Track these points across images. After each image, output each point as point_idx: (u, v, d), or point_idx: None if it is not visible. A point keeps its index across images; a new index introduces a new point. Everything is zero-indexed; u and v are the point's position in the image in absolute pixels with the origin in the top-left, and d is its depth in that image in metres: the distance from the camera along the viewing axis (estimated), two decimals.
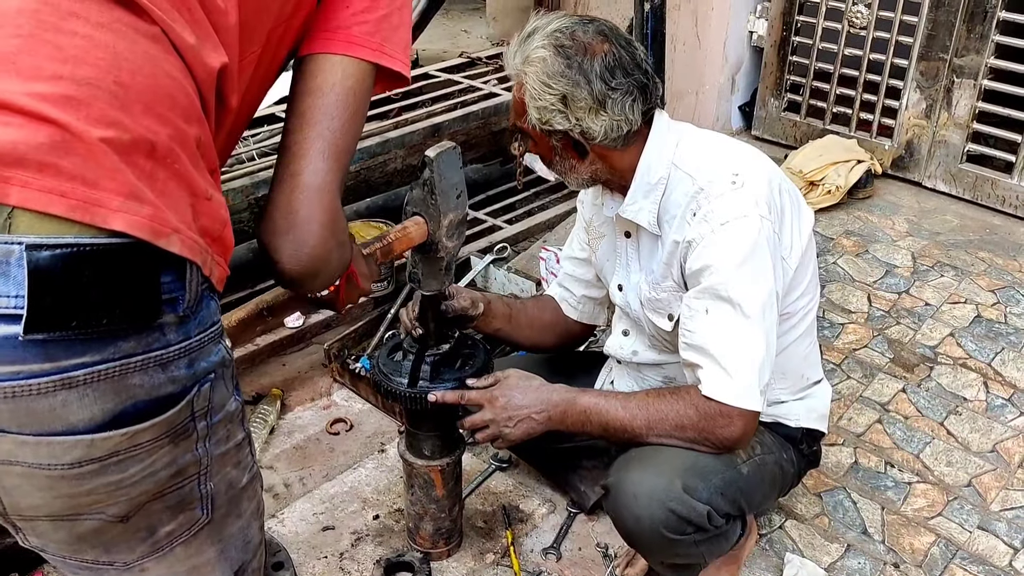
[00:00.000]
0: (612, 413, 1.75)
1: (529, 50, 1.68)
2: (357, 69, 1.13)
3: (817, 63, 3.63)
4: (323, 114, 1.11)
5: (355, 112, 1.14)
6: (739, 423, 1.68)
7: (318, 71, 1.12)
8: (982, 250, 3.13)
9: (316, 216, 1.09)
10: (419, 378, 1.79)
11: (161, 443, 0.94)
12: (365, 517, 2.23)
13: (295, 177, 1.09)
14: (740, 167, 1.71)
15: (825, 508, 2.22)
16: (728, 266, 1.64)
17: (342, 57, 1.12)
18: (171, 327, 0.91)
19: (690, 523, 1.68)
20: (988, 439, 2.40)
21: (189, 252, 0.90)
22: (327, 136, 1.10)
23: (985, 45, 3.20)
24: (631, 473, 1.73)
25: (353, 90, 1.13)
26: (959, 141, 3.38)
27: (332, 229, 1.12)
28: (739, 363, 1.65)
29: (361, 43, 1.13)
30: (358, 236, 2.83)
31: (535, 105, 1.68)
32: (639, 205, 1.77)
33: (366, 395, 2.66)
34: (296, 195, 1.09)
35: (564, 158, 1.75)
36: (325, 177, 1.10)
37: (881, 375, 2.63)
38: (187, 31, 0.93)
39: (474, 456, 2.41)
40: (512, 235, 3.43)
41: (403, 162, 3.94)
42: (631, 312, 1.92)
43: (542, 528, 2.20)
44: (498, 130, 4.23)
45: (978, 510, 2.20)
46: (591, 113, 1.67)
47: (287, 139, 1.12)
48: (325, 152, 1.10)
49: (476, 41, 5.19)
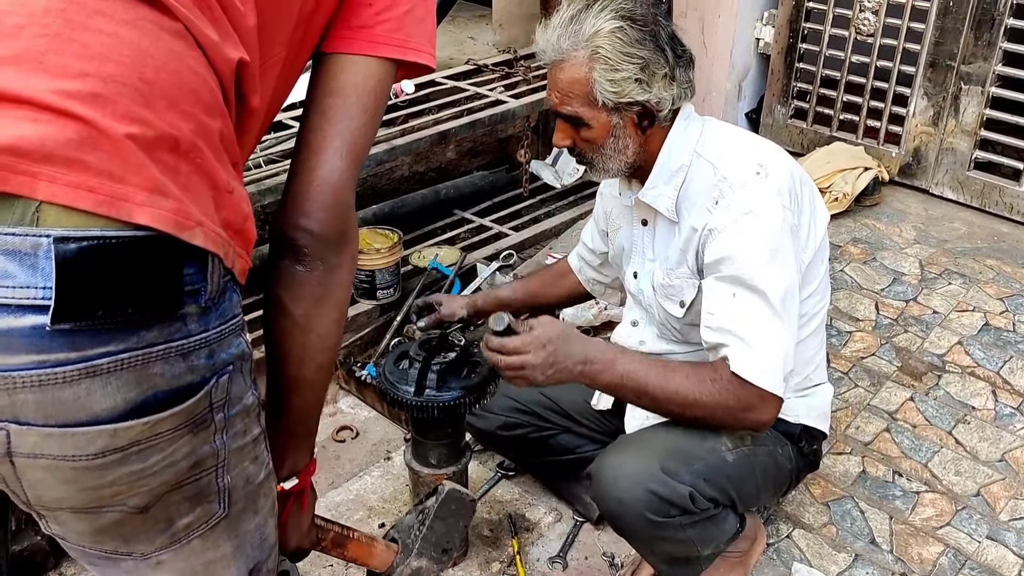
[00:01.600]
0: (650, 385, 1.69)
1: (595, 24, 1.66)
2: (379, 69, 1.15)
3: (824, 70, 3.62)
4: (344, 115, 1.13)
5: (375, 112, 1.16)
6: (767, 411, 1.68)
7: (340, 72, 1.14)
8: (990, 258, 3.12)
9: (329, 206, 1.12)
10: (425, 386, 1.79)
11: (180, 432, 0.95)
12: (371, 525, 2.22)
13: (312, 172, 1.12)
14: (764, 158, 1.72)
15: (833, 517, 2.21)
16: (753, 255, 1.65)
17: (365, 58, 1.14)
18: (193, 318, 0.93)
19: (672, 504, 1.68)
20: (997, 448, 2.39)
21: (212, 245, 0.91)
22: (346, 136, 1.13)
23: (993, 52, 3.19)
24: (612, 457, 1.75)
25: (374, 90, 1.15)
26: (967, 148, 3.36)
27: (342, 221, 1.15)
28: (766, 347, 1.66)
29: (384, 41, 1.14)
30: (364, 243, 2.87)
31: (611, 77, 1.65)
32: (659, 191, 1.78)
33: (372, 403, 2.66)
34: (313, 188, 1.12)
35: (620, 138, 1.73)
36: (342, 175, 1.13)
37: (889, 383, 2.62)
38: (209, 28, 0.95)
39: (480, 464, 2.41)
40: (518, 242, 3.43)
41: (410, 169, 3.95)
42: (643, 300, 1.92)
43: (548, 537, 2.20)
44: (504, 137, 4.24)
45: (987, 520, 2.19)
46: (666, 82, 1.68)
47: (307, 134, 1.14)
48: (343, 151, 1.13)
49: (482, 48, 5.20)
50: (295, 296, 1.17)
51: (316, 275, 1.15)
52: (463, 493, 1.53)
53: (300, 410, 1.26)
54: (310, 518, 1.40)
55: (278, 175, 2.76)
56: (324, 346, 1.21)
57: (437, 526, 1.48)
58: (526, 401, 2.08)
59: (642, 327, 1.98)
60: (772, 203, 1.67)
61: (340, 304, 1.20)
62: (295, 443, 1.29)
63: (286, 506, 1.31)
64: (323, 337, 1.20)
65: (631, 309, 2.00)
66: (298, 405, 1.25)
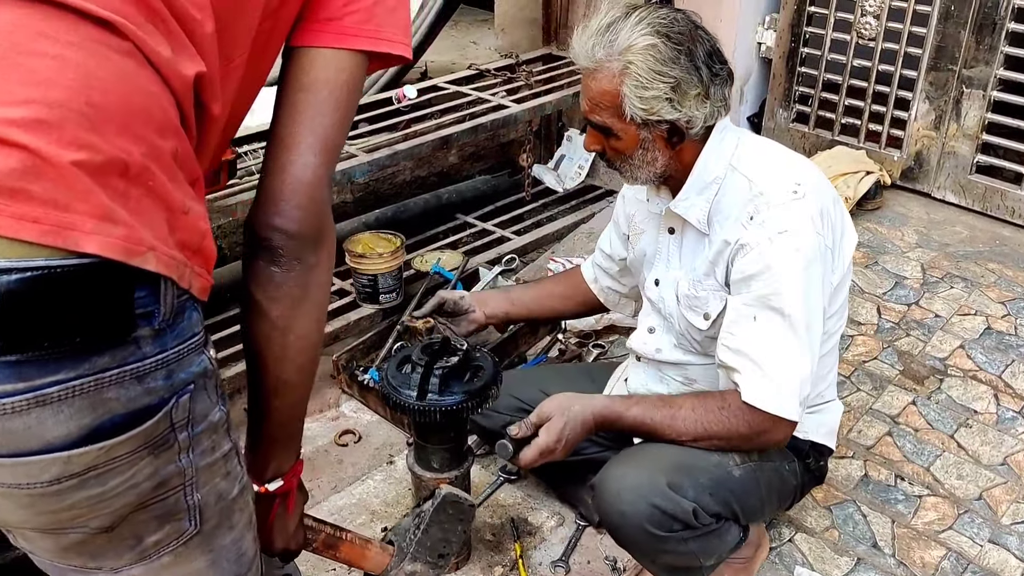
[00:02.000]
0: (662, 430, 1.75)
1: (630, 37, 1.63)
2: (350, 62, 1.12)
3: (826, 74, 3.63)
4: (316, 111, 1.11)
5: (348, 106, 1.14)
6: (781, 432, 1.70)
7: (310, 66, 1.12)
8: (992, 261, 3.12)
9: (304, 204, 1.10)
10: (428, 391, 1.79)
11: (140, 455, 0.94)
12: (373, 529, 2.23)
13: (285, 170, 1.10)
14: (802, 178, 1.71)
15: (835, 521, 2.21)
16: (782, 277, 1.64)
17: (335, 51, 1.11)
18: (147, 340, 0.91)
19: (675, 519, 1.68)
20: (999, 452, 2.39)
21: (165, 268, 0.90)
22: (319, 132, 1.11)
23: (994, 56, 3.19)
24: (616, 470, 1.75)
25: (346, 84, 1.13)
26: (968, 152, 3.37)
27: (318, 219, 1.12)
28: (783, 373, 1.66)
29: (354, 33, 1.12)
30: (368, 247, 2.88)
31: (641, 95, 1.63)
32: (691, 202, 1.77)
33: (374, 407, 2.66)
34: (286, 186, 1.10)
35: (649, 151, 1.72)
36: (316, 172, 1.11)
37: (891, 387, 2.62)
38: (162, 44, 0.93)
39: (482, 468, 2.41)
40: (520, 246, 3.43)
41: (412, 173, 3.96)
42: (663, 308, 1.91)
43: (551, 541, 2.20)
44: (506, 141, 4.25)
45: (989, 524, 2.19)
46: (698, 101, 1.65)
47: (279, 131, 1.12)
48: (316, 147, 1.11)
49: (485, 53, 5.21)
50: (272, 297, 1.14)
51: (293, 275, 1.13)
52: (461, 498, 1.52)
53: (282, 412, 1.24)
54: (297, 519, 1.38)
55: None
56: (304, 347, 1.18)
57: (433, 531, 1.47)
58: (530, 401, 2.07)
59: (659, 335, 1.95)
60: (807, 225, 1.65)
61: (319, 304, 1.18)
62: (278, 445, 1.28)
63: (271, 508, 1.30)
64: (303, 338, 1.17)
65: (648, 315, 1.98)
66: (280, 408, 1.23)
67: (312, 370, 1.23)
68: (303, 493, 1.39)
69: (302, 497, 1.39)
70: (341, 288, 3.11)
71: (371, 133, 3.23)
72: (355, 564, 1.49)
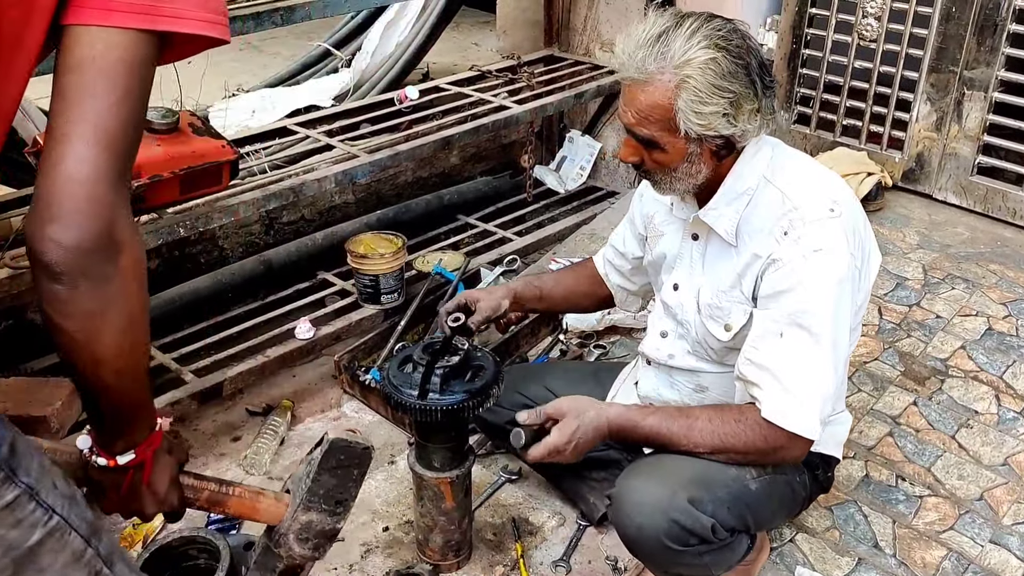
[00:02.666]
0: (677, 440, 1.74)
1: (686, 50, 1.56)
2: (124, 39, 0.98)
3: (827, 75, 3.63)
4: (84, 93, 0.96)
5: (128, 88, 0.98)
6: (798, 449, 1.69)
7: (75, 45, 0.97)
8: (993, 262, 3.12)
9: (83, 207, 0.94)
10: (429, 390, 1.79)
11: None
12: (375, 529, 2.23)
13: (57, 166, 0.95)
14: (838, 195, 1.68)
15: (836, 522, 2.21)
16: (813, 295, 1.63)
17: (101, 28, 0.97)
18: None
19: (693, 534, 1.67)
20: (1000, 452, 2.39)
21: None
22: (91, 118, 0.96)
23: (995, 58, 3.19)
24: (636, 481, 1.74)
25: (121, 61, 0.98)
26: (970, 153, 3.37)
27: (106, 223, 0.96)
28: (807, 392, 1.65)
29: (119, 8, 0.97)
30: (369, 248, 2.89)
31: (699, 110, 1.57)
32: (720, 212, 1.73)
33: (376, 407, 2.67)
34: (59, 186, 0.94)
35: (695, 164, 1.67)
36: (92, 165, 0.95)
37: (892, 388, 2.62)
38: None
39: (484, 468, 2.41)
40: (522, 247, 3.44)
41: (413, 174, 3.96)
42: (679, 314, 1.88)
43: (552, 541, 2.20)
44: (508, 143, 4.25)
45: (990, 524, 2.19)
46: (752, 115, 1.61)
47: (49, 122, 0.97)
48: (89, 137, 0.95)
49: (486, 54, 5.22)
50: (64, 314, 0.98)
51: (81, 292, 0.97)
52: (351, 442, 1.39)
53: (114, 404, 1.10)
54: (165, 483, 1.24)
55: (281, 180, 2.77)
56: (117, 353, 1.03)
57: (324, 478, 1.37)
58: (535, 398, 2.08)
59: (672, 340, 1.92)
60: (842, 244, 1.63)
61: (126, 312, 1.01)
62: (121, 425, 1.14)
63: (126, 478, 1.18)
64: (113, 346, 1.02)
65: (661, 319, 1.94)
66: (108, 404, 1.10)
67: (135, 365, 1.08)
68: (176, 455, 1.27)
69: (170, 461, 1.25)
70: (343, 288, 3.12)
71: (373, 134, 3.24)
72: (248, 517, 1.41)
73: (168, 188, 2.32)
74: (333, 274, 3.23)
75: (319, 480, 1.36)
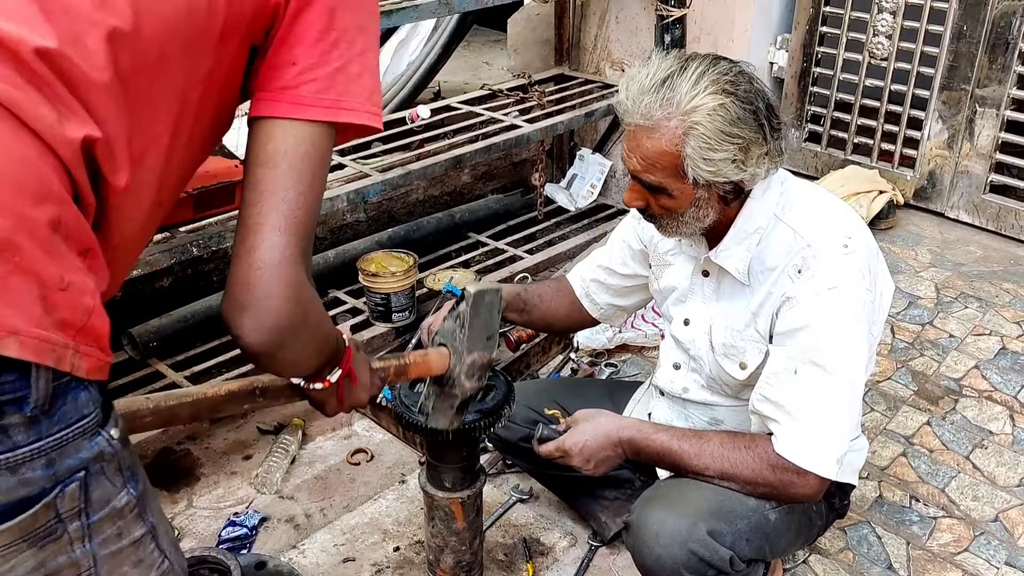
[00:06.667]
0: (687, 460, 1.74)
1: (694, 96, 1.54)
2: (311, 132, 1.07)
3: (838, 94, 3.63)
4: (277, 186, 1.05)
5: (313, 178, 1.08)
6: (813, 487, 1.67)
7: (268, 139, 1.06)
8: (1006, 281, 3.10)
9: (275, 292, 1.04)
10: None
11: (18, 548, 0.90)
12: (385, 549, 2.22)
13: (251, 253, 1.04)
14: (852, 231, 1.67)
15: (849, 543, 2.19)
16: (828, 333, 1.62)
17: (292, 122, 1.06)
18: (18, 428, 0.87)
19: (711, 566, 1.66)
20: (1015, 473, 2.37)
21: (32, 354, 0.85)
22: (282, 209, 1.04)
23: (1007, 76, 3.19)
24: (655, 511, 1.72)
25: (308, 155, 1.07)
26: (982, 171, 3.36)
27: (295, 303, 1.06)
28: (821, 430, 1.64)
29: (311, 103, 1.06)
30: (379, 266, 2.89)
31: (708, 157, 1.55)
32: (731, 252, 1.72)
33: (387, 425, 2.67)
34: (253, 272, 1.04)
35: (702, 208, 1.64)
36: (283, 252, 1.04)
37: (905, 408, 2.61)
38: (44, 106, 0.88)
39: (495, 488, 2.40)
40: (532, 265, 3.44)
41: (425, 193, 3.98)
42: (691, 349, 1.86)
43: (563, 562, 2.19)
44: (519, 161, 4.26)
45: (1005, 545, 2.17)
46: (761, 159, 1.58)
47: (243, 211, 1.06)
48: (281, 226, 1.04)
49: (497, 73, 5.23)
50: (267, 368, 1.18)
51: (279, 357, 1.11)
52: (487, 289, 1.60)
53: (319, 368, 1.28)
54: (367, 377, 1.41)
55: None
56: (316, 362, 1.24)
57: (476, 323, 1.58)
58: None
59: (685, 372, 1.91)
60: (857, 281, 1.62)
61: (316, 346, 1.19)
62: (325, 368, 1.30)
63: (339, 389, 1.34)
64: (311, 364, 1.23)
65: (673, 351, 1.93)
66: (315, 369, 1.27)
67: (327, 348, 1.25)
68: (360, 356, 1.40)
69: (363, 358, 1.41)
70: (354, 307, 3.12)
71: (384, 153, 3.25)
72: (423, 374, 1.64)
73: (182, 207, 2.34)
74: (344, 292, 3.24)
75: (474, 326, 1.58)
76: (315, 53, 1.07)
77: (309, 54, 1.06)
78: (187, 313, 2.99)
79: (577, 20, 4.11)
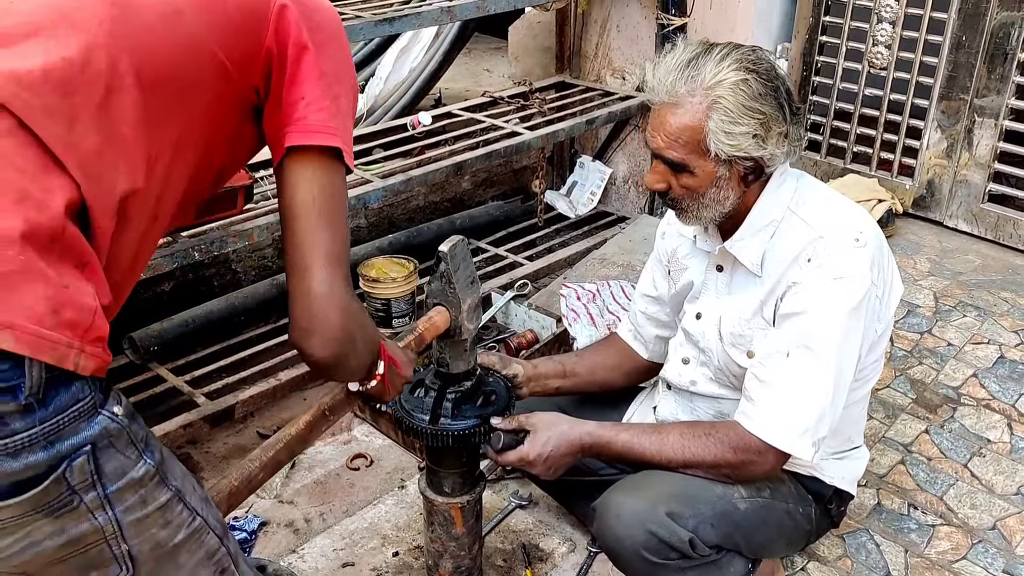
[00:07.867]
0: (650, 455, 1.77)
1: (718, 72, 1.60)
2: (327, 172, 1.25)
3: (837, 103, 3.65)
4: (312, 232, 1.23)
5: (338, 214, 1.26)
6: (770, 463, 1.70)
7: (294, 190, 1.24)
8: (1005, 290, 3.11)
9: (332, 314, 1.23)
10: (440, 415, 1.80)
11: (32, 518, 0.95)
12: (385, 554, 2.23)
13: (307, 293, 1.23)
14: (863, 226, 1.71)
15: (848, 550, 2.20)
16: (824, 320, 1.65)
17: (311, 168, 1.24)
18: (14, 416, 0.91)
19: (672, 548, 1.68)
20: (1013, 481, 2.37)
21: (28, 349, 0.90)
22: (321, 250, 1.23)
23: (1006, 86, 3.20)
24: (618, 496, 1.75)
25: (332, 197, 1.25)
26: (980, 181, 3.37)
27: (348, 318, 1.26)
28: (800, 408, 1.66)
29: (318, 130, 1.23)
30: (381, 272, 2.90)
31: (730, 131, 1.60)
32: (746, 243, 1.76)
33: (386, 431, 2.67)
34: (312, 304, 1.22)
35: (723, 189, 1.69)
36: (331, 281, 1.23)
37: (904, 416, 2.61)
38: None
39: (494, 493, 2.41)
40: (532, 271, 3.45)
41: (425, 199, 3.99)
42: (700, 341, 1.89)
43: (562, 567, 2.19)
44: (519, 168, 4.28)
45: (1003, 553, 2.17)
46: (780, 138, 1.64)
47: (290, 255, 1.24)
48: (324, 263, 1.22)
49: (498, 80, 5.25)
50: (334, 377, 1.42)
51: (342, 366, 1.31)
52: (454, 240, 1.71)
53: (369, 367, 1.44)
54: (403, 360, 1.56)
55: None
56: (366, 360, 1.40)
57: (459, 274, 1.71)
58: None
59: (694, 366, 1.93)
60: (864, 273, 1.65)
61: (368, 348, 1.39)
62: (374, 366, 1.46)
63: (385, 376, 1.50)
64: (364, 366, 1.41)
65: (683, 346, 1.95)
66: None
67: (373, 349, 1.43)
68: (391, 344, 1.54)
69: (391, 344, 1.55)
70: None
71: (386, 159, 3.26)
72: (437, 334, 1.75)
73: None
74: None
75: (458, 277, 1.71)
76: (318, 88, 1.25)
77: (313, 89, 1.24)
78: (188, 317, 3.00)
79: (578, 28, 4.12)
